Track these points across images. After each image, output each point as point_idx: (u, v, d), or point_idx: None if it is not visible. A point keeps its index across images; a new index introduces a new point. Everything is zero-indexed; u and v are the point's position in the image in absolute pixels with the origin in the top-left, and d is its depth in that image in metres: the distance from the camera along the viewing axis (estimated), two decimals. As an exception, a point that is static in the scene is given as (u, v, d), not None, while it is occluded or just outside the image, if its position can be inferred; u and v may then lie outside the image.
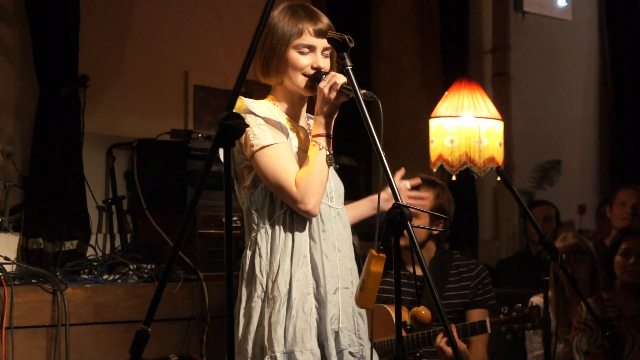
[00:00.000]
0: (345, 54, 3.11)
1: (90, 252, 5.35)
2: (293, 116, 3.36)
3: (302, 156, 3.26)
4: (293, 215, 3.24)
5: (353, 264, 3.37)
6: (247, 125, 2.63)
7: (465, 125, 5.75)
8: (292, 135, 3.31)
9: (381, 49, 7.86)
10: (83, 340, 4.70)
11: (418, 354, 4.50)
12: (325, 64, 3.29)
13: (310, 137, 3.32)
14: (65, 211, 5.17)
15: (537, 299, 5.41)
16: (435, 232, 4.69)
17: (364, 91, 3.09)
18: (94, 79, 5.41)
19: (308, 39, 3.26)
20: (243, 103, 3.23)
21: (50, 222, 5.17)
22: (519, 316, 4.32)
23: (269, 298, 3.20)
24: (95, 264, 5.16)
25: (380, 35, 7.88)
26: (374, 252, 2.97)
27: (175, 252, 2.52)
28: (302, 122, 3.41)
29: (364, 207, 3.59)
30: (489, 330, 4.40)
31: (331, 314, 3.23)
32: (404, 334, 4.43)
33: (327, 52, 3.30)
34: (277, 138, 3.20)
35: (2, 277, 4.44)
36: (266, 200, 3.25)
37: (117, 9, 5.90)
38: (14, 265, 4.81)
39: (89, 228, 5.38)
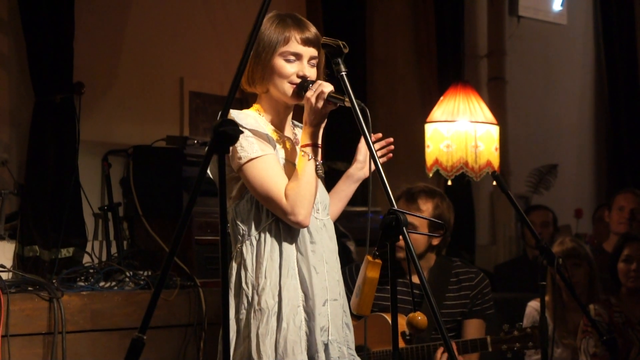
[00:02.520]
0: (339, 60, 3.11)
1: (86, 259, 5.34)
2: (279, 126, 3.34)
3: (288, 168, 3.25)
4: (279, 226, 3.23)
5: (340, 275, 3.36)
6: (242, 132, 2.62)
7: (461, 130, 5.75)
8: (279, 146, 3.29)
9: (376, 54, 7.86)
10: (79, 347, 4.69)
11: None
12: (311, 73, 3.27)
13: (297, 147, 3.32)
14: (61, 218, 5.16)
15: (534, 304, 5.41)
16: (434, 243, 4.67)
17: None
18: (89, 86, 5.41)
19: (295, 46, 3.24)
20: (230, 114, 3.22)
21: (46, 230, 5.16)
22: (520, 335, 4.30)
23: (255, 310, 3.17)
24: (91, 271, 5.15)
25: (375, 41, 7.88)
26: (369, 258, 2.96)
27: (170, 259, 2.52)
28: (288, 131, 3.39)
29: (344, 186, 3.52)
30: (490, 349, 4.38)
31: (320, 326, 3.21)
32: (403, 345, 4.43)
33: (314, 62, 3.28)
34: (265, 149, 3.18)
35: (-2, 285, 4.44)
36: (252, 211, 3.24)
37: (112, 16, 5.90)
38: (10, 273, 4.81)
39: (85, 235, 5.37)
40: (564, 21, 9.61)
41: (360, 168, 3.46)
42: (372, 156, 2.92)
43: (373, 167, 3.03)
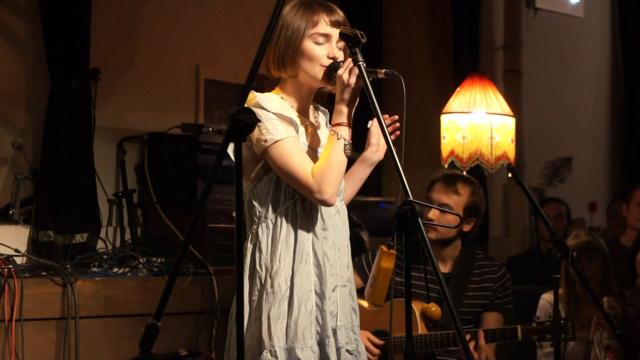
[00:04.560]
0: (357, 50, 3.11)
1: (100, 245, 5.35)
2: (302, 111, 3.35)
3: (309, 152, 3.26)
4: (296, 210, 3.24)
5: (349, 261, 3.37)
6: (259, 120, 2.63)
7: (478, 121, 5.74)
8: (301, 130, 3.30)
9: (393, 45, 7.86)
10: (93, 333, 4.71)
11: (436, 352, 4.47)
12: (339, 55, 3.28)
13: (318, 132, 3.34)
14: (75, 204, 5.18)
15: (547, 296, 5.40)
16: (466, 229, 4.69)
17: (385, 70, 3.13)
18: (105, 72, 5.41)
19: (324, 28, 3.26)
20: (254, 97, 3.21)
21: (61, 215, 5.17)
22: (552, 326, 4.29)
23: (268, 292, 3.19)
24: (105, 257, 5.16)
25: (391, 32, 7.88)
26: (384, 248, 2.96)
27: (185, 247, 2.52)
28: (311, 116, 3.40)
29: (360, 169, 3.46)
30: (520, 338, 4.38)
31: (329, 312, 3.23)
32: (425, 331, 4.43)
33: (341, 45, 3.29)
34: (290, 131, 3.20)
35: (12, 269, 4.45)
36: (270, 193, 3.24)
37: (129, 3, 5.90)
38: (24, 258, 4.82)
39: (99, 221, 5.38)
40: (581, 14, 9.59)
41: (375, 151, 3.42)
42: (388, 148, 2.91)
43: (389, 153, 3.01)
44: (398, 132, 3.39)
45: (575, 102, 9.57)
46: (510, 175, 4.09)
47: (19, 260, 4.64)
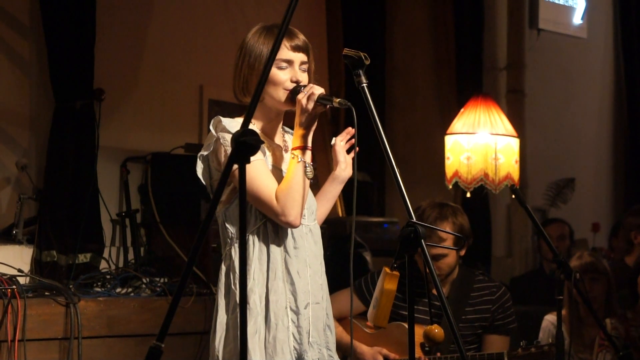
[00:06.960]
0: (361, 71, 3.13)
1: (103, 265, 5.36)
2: (269, 133, 3.43)
3: (277, 174, 3.33)
4: (267, 230, 3.31)
5: (323, 280, 3.44)
6: (262, 142, 2.65)
7: (482, 142, 5.74)
8: (268, 153, 3.38)
9: (396, 65, 7.86)
10: (95, 353, 4.70)
11: None
12: (303, 78, 3.35)
13: (285, 154, 3.41)
14: (79, 224, 5.18)
15: (550, 317, 5.39)
16: (462, 254, 4.68)
17: (339, 99, 3.20)
18: (109, 92, 5.43)
19: (286, 53, 3.33)
20: (220, 122, 3.32)
21: (64, 235, 5.18)
22: (538, 352, 4.29)
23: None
24: (108, 277, 5.17)
25: (395, 52, 7.89)
26: (387, 269, 2.96)
27: (189, 268, 2.52)
28: (278, 138, 3.47)
29: (331, 187, 3.56)
30: None
31: (303, 328, 3.30)
32: (422, 355, 4.43)
33: (305, 67, 3.37)
34: (256, 155, 3.24)
35: (15, 289, 4.45)
36: None
37: (133, 23, 5.92)
38: (28, 278, 4.82)
39: (103, 241, 5.39)
40: (584, 35, 9.59)
41: (344, 169, 3.52)
42: (392, 170, 2.92)
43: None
44: (357, 149, 3.44)
45: (578, 122, 9.56)
46: (513, 196, 4.08)
47: (22, 280, 4.65)
